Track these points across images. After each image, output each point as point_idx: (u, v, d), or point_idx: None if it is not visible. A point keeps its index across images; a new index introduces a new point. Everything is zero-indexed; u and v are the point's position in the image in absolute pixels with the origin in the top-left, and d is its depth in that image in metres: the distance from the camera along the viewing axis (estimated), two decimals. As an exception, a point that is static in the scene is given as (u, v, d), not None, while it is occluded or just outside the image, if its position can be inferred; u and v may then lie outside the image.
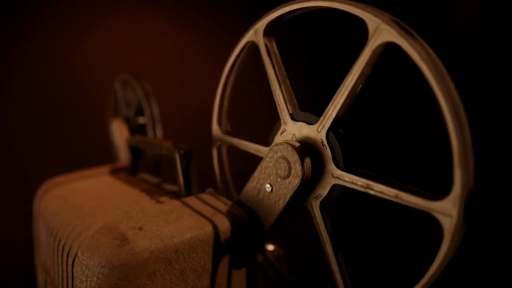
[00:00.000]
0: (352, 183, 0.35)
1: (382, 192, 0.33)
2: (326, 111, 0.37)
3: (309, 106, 0.41)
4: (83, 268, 0.36)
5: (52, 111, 1.10)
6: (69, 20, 1.10)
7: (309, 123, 0.39)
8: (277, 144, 0.39)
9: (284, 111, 0.41)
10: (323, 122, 0.37)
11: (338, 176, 0.37)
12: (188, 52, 1.27)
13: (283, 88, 0.42)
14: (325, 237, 0.39)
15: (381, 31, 0.32)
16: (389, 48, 0.32)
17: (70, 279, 0.40)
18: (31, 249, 0.60)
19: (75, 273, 0.38)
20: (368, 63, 0.33)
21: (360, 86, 0.35)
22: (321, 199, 0.39)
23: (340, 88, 0.35)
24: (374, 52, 0.33)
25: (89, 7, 1.12)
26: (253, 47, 0.46)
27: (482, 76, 0.84)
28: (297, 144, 0.38)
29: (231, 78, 0.49)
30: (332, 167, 0.37)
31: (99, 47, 1.14)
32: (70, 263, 0.39)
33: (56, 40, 1.09)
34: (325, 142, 0.37)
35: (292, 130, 0.40)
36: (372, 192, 0.34)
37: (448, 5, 0.92)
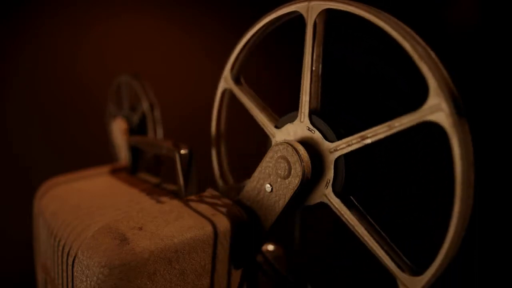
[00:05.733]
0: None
1: (363, 237, 0.36)
2: (349, 139, 0.36)
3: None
4: (83, 268, 0.36)
5: (52, 111, 1.10)
6: (69, 20, 1.10)
7: (324, 135, 0.38)
8: (277, 144, 0.39)
9: (305, 109, 0.40)
10: (341, 147, 0.36)
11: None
12: (188, 52, 1.27)
13: (314, 79, 0.39)
14: (352, 222, 0.37)
15: (437, 111, 0.30)
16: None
17: (70, 279, 0.40)
18: (31, 249, 0.60)
19: (75, 273, 0.38)
20: (406, 128, 0.32)
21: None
22: (330, 183, 0.38)
23: (374, 128, 0.34)
24: (419, 123, 0.31)
25: (89, 7, 1.12)
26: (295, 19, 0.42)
27: (482, 76, 0.84)
28: (298, 145, 0.38)
29: (259, 34, 0.45)
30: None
31: (99, 46, 1.14)
32: (70, 263, 0.39)
33: (56, 40, 1.09)
34: (332, 164, 0.37)
35: (305, 130, 0.40)
36: (355, 232, 0.36)
37: (448, 5, 0.92)
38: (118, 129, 0.75)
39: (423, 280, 0.32)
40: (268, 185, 0.41)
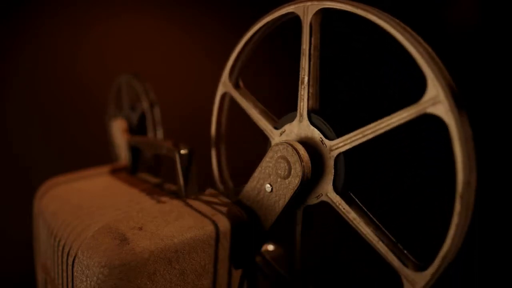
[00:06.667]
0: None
1: (365, 234, 0.35)
2: (348, 136, 0.36)
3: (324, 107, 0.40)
4: (83, 268, 0.36)
5: (52, 111, 1.10)
6: (69, 20, 1.10)
7: (324, 133, 0.38)
8: (277, 144, 0.39)
9: (304, 108, 0.39)
10: (340, 144, 0.36)
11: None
12: (188, 52, 1.27)
13: (311, 82, 0.39)
14: (354, 220, 0.37)
15: (438, 103, 0.30)
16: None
17: (70, 279, 0.40)
18: (31, 249, 0.60)
19: (75, 273, 0.38)
20: (406, 121, 0.32)
21: (389, 134, 0.35)
22: (331, 181, 0.38)
23: (372, 125, 0.34)
24: (419, 115, 0.31)
25: (89, 7, 1.12)
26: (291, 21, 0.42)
27: (482, 76, 0.84)
28: (298, 145, 0.38)
29: (257, 37, 0.45)
30: (329, 187, 0.38)
31: (99, 46, 1.14)
32: (70, 263, 0.39)
33: (56, 40, 1.09)
34: (332, 162, 0.37)
35: (304, 130, 0.40)
36: (356, 228, 0.36)
37: (448, 5, 0.92)
38: (118, 129, 0.75)
39: (428, 275, 0.32)
40: (268, 185, 0.41)
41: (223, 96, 0.50)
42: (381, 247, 0.35)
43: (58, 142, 1.10)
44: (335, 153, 0.37)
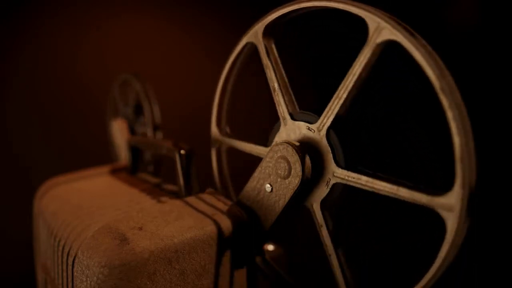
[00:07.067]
0: (353, 181, 0.35)
1: (383, 190, 0.33)
2: (326, 109, 0.37)
3: (308, 106, 0.41)
4: (83, 268, 0.36)
5: (52, 111, 1.10)
6: (69, 20, 1.10)
7: (308, 122, 0.39)
8: (277, 144, 0.39)
9: (284, 111, 0.41)
10: (324, 121, 0.37)
11: (339, 174, 0.37)
12: (188, 52, 1.27)
13: (282, 88, 0.42)
14: (325, 236, 0.39)
15: (382, 29, 0.32)
16: (389, 46, 0.32)
17: (70, 279, 0.40)
18: (31, 249, 0.60)
19: (75, 273, 0.38)
20: (368, 62, 0.33)
21: (360, 85, 0.35)
22: (322, 198, 0.38)
23: (340, 87, 0.35)
24: (375, 50, 0.33)
25: (89, 7, 1.12)
26: (252, 48, 0.46)
27: (482, 75, 0.83)
28: (297, 144, 0.38)
29: (231, 80, 0.49)
30: (332, 166, 0.37)
31: (99, 47, 1.14)
32: (70, 263, 0.39)
33: (56, 40, 1.09)
34: (325, 141, 0.37)
35: (292, 129, 0.40)
36: (373, 189, 0.34)
37: (448, 5, 0.92)
38: (118, 129, 0.75)
39: (459, 193, 0.29)
40: (268, 185, 0.41)
41: (218, 149, 0.51)
42: (404, 193, 0.32)
43: (58, 142, 1.10)
44: (323, 131, 0.37)
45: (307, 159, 0.38)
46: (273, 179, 0.40)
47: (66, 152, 1.11)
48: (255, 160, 0.43)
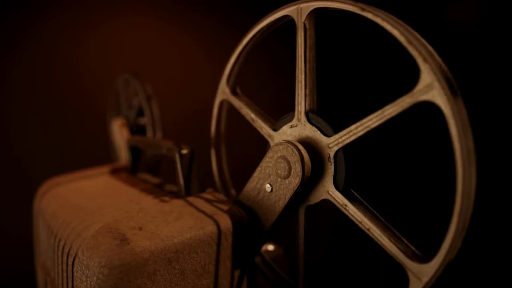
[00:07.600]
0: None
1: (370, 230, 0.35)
2: (348, 129, 0.35)
3: (322, 109, 0.40)
4: (83, 268, 0.36)
5: (53, 111, 1.10)
6: (70, 20, 1.10)
7: (322, 131, 0.38)
8: (277, 144, 0.39)
9: (301, 109, 0.39)
10: (340, 140, 0.36)
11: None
12: (188, 52, 1.27)
13: (307, 82, 0.39)
14: (357, 216, 0.37)
15: (433, 89, 0.30)
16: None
17: (70, 279, 0.40)
18: (31, 249, 0.60)
19: (75, 273, 0.38)
20: (401, 111, 0.32)
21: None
22: (332, 177, 0.38)
23: (373, 116, 0.33)
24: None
25: (89, 7, 1.12)
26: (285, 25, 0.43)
27: (482, 75, 0.83)
28: (298, 144, 0.38)
29: (253, 42, 0.45)
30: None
31: (99, 47, 1.14)
32: (70, 263, 0.39)
33: (57, 41, 1.09)
34: (332, 158, 0.37)
35: (303, 127, 0.40)
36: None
37: (448, 5, 0.92)
38: (118, 129, 0.75)
39: (433, 267, 0.31)
40: (268, 185, 0.41)
41: (222, 103, 0.50)
42: (385, 241, 0.34)
43: (58, 142, 1.10)
44: (334, 149, 0.37)
45: (307, 158, 0.38)
46: (273, 179, 0.40)
47: (66, 152, 1.11)
48: (256, 160, 0.43)
